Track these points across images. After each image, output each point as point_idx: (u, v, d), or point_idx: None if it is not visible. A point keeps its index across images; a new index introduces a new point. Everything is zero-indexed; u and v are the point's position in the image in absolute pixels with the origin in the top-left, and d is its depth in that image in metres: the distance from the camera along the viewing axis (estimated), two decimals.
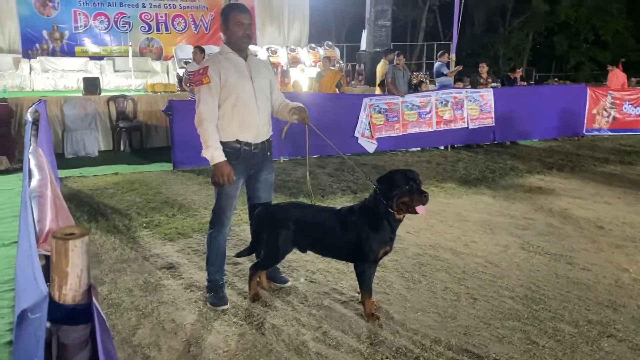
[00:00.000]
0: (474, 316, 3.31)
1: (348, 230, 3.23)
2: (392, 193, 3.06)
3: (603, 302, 3.48)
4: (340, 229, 3.26)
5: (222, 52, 3.35)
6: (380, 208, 3.13)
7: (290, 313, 3.33)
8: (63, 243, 1.01)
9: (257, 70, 3.39)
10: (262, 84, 3.39)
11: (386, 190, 3.09)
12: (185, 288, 3.70)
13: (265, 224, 3.47)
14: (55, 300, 1.03)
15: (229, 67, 3.27)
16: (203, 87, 3.22)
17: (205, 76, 3.21)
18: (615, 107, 11.48)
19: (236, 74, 3.27)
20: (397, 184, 3.06)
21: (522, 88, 11.29)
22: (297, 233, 3.36)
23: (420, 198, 3.04)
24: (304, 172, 7.50)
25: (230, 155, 3.30)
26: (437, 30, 30.84)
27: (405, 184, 3.05)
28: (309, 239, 3.41)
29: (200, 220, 5.24)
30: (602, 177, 7.41)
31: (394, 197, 3.06)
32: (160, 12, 14.27)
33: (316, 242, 3.41)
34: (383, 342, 2.99)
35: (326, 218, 3.35)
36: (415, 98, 9.33)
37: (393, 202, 3.07)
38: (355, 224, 3.22)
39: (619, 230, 5.06)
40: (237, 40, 3.29)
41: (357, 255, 3.23)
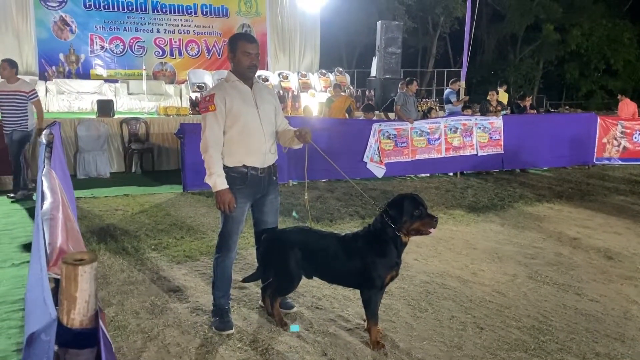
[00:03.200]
0: (480, 346, 3.28)
1: (354, 256, 3.24)
2: (403, 218, 3.09)
3: (611, 335, 3.44)
4: (345, 255, 3.27)
5: (228, 79, 3.42)
6: (388, 232, 3.15)
7: (296, 339, 3.33)
8: (73, 268, 1.04)
9: (261, 97, 3.45)
10: (267, 110, 3.45)
11: (396, 215, 3.12)
12: (191, 312, 3.71)
13: (272, 249, 3.50)
14: (64, 324, 1.05)
15: (235, 94, 3.34)
16: (209, 114, 3.28)
17: (212, 104, 3.27)
18: (625, 136, 11.46)
19: (242, 102, 3.34)
20: (408, 209, 3.10)
21: (532, 116, 11.32)
22: (303, 258, 3.38)
23: (431, 222, 3.11)
24: (313, 196, 7.55)
25: (237, 180, 3.35)
26: (448, 57, 31.12)
27: (415, 208, 3.10)
28: (314, 265, 3.42)
29: (208, 243, 5.26)
30: (612, 207, 7.37)
31: (404, 222, 3.10)
32: (175, 38, 14.56)
33: (322, 268, 3.42)
34: None
35: (331, 244, 3.37)
36: (424, 124, 9.39)
37: (403, 227, 3.11)
38: (361, 249, 3.23)
39: (629, 261, 5.01)
40: (244, 70, 3.35)
41: (364, 282, 3.23)
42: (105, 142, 9.17)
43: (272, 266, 3.52)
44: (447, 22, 28.48)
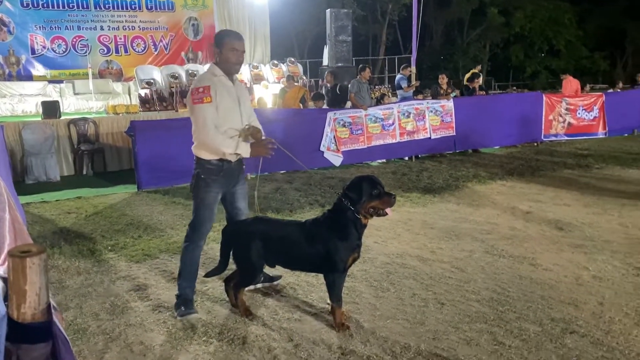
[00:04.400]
0: (442, 321, 3.37)
1: (316, 242, 3.26)
2: (362, 198, 3.13)
3: (565, 300, 3.59)
4: (307, 241, 3.29)
5: (215, 73, 3.45)
6: (348, 215, 3.18)
7: (262, 328, 3.33)
8: (20, 261, 1.01)
9: (242, 94, 3.58)
10: (246, 107, 3.58)
11: (355, 197, 3.14)
12: (153, 309, 3.64)
13: (233, 241, 3.48)
14: (14, 319, 1.02)
15: (222, 90, 3.40)
16: (205, 105, 3.32)
17: (208, 95, 3.32)
18: (570, 112, 11.89)
19: (229, 99, 3.43)
20: (366, 190, 3.14)
21: (481, 97, 11.59)
22: (265, 248, 3.37)
23: (389, 200, 3.16)
24: (271, 188, 7.53)
25: (213, 171, 3.46)
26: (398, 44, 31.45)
27: (373, 188, 3.15)
28: (276, 253, 3.42)
29: (167, 241, 5.18)
30: (561, 181, 7.65)
31: (363, 203, 3.13)
32: (119, 34, 14.14)
33: (284, 255, 3.43)
34: (354, 352, 3.01)
35: (292, 231, 3.38)
36: (378, 110, 9.48)
37: (362, 208, 3.14)
38: (323, 234, 3.25)
39: (578, 230, 5.22)
40: (230, 66, 3.43)
41: (327, 266, 3.25)
42: (53, 145, 8.85)
43: (234, 258, 3.50)
44: (396, 10, 28.76)
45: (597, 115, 12.18)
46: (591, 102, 12.16)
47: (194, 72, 12.01)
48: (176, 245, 5.03)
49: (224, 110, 3.38)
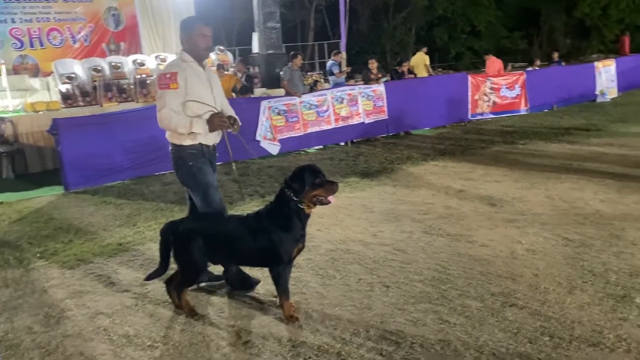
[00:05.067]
0: (388, 303, 3.42)
1: (259, 235, 3.21)
2: (305, 188, 3.11)
3: (503, 275, 3.74)
4: (250, 236, 3.23)
5: (184, 59, 3.46)
6: (291, 206, 3.15)
7: (209, 327, 3.25)
8: None
9: (214, 79, 3.60)
10: (218, 92, 3.60)
11: (298, 186, 3.12)
12: (91, 317, 3.47)
13: (173, 240, 3.36)
14: None
15: (193, 76, 3.41)
16: (170, 91, 3.33)
17: (174, 82, 3.32)
18: (494, 91, 12.37)
19: (200, 84, 3.42)
20: (308, 179, 3.12)
21: (410, 80, 11.83)
22: (206, 245, 3.28)
23: (332, 188, 3.16)
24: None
25: (196, 155, 3.50)
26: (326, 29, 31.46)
27: (315, 177, 3.13)
28: (219, 250, 3.34)
29: (101, 243, 4.95)
30: (490, 158, 7.96)
31: (306, 192, 3.11)
32: (33, 27, 13.24)
33: (227, 252, 3.36)
34: (304, 343, 3.00)
35: (234, 226, 3.32)
36: (312, 97, 9.46)
37: (305, 197, 3.12)
38: (266, 227, 3.20)
39: (509, 205, 5.46)
40: (200, 51, 3.46)
41: (272, 259, 3.21)
42: None
43: (175, 258, 3.39)
44: None
45: (519, 93, 12.74)
46: (513, 81, 12.70)
47: (117, 64, 11.48)
48: (111, 247, 4.82)
49: (197, 97, 3.38)
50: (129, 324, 3.35)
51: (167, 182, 7.45)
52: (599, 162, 7.14)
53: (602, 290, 3.38)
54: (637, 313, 3.06)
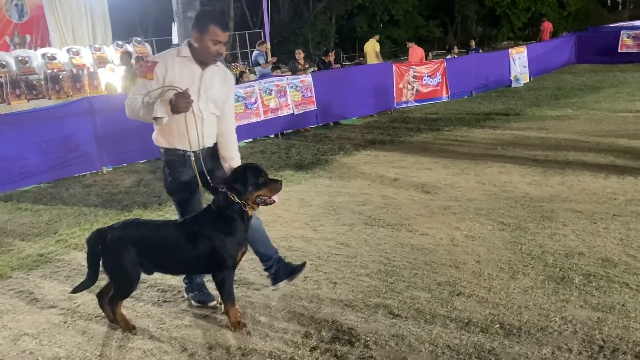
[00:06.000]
0: (337, 301, 3.34)
1: (199, 241, 3.00)
2: (248, 189, 2.95)
3: (446, 263, 3.77)
4: (189, 242, 3.01)
5: (180, 53, 3.12)
6: (234, 208, 2.97)
7: (149, 341, 3.03)
8: None
9: (210, 82, 3.15)
10: (210, 97, 3.16)
11: (241, 188, 2.96)
12: (14, 340, 3.14)
13: (102, 250, 3.08)
14: None
15: (179, 73, 3.05)
16: (144, 81, 3.03)
17: (151, 72, 3.00)
18: (417, 80, 12.63)
19: (183, 83, 3.01)
20: (251, 179, 2.97)
21: (337, 70, 11.84)
22: (139, 254, 3.02)
23: (276, 186, 3.04)
24: (134, 181, 6.97)
25: (176, 163, 3.18)
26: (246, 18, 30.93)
27: (258, 177, 2.99)
28: (154, 259, 3.08)
29: (19, 255, 4.52)
30: (418, 146, 8.09)
31: (249, 193, 2.96)
32: None
33: (163, 261, 3.11)
34: (255, 350, 2.86)
35: (169, 232, 3.07)
36: (239, 89, 9.19)
37: (249, 198, 2.96)
38: (206, 232, 3.00)
39: (443, 192, 5.55)
40: (207, 56, 3.09)
41: (215, 265, 3.02)
42: None
43: (105, 269, 3.11)
44: None
45: (440, 81, 13.10)
46: (434, 69, 13.03)
47: (24, 58, 10.61)
48: (31, 259, 4.42)
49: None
50: (58, 345, 3.06)
51: (88, 184, 6.98)
52: (522, 145, 7.45)
53: (543, 273, 3.49)
54: (578, 294, 3.17)
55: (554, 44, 18.01)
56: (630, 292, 3.14)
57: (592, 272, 3.43)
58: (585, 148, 6.93)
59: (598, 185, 5.29)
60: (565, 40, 18.52)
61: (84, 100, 7.82)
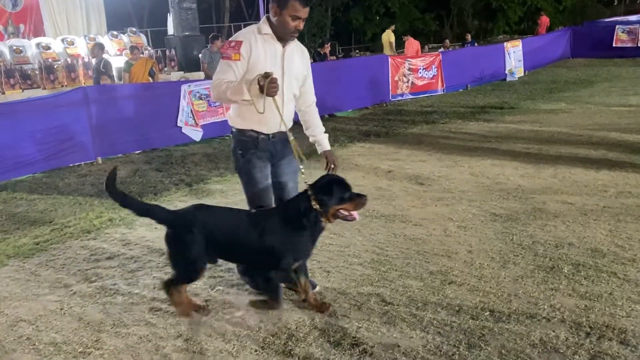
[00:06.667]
0: (330, 289, 3.39)
1: (265, 237, 2.91)
2: (333, 202, 2.87)
3: (439, 253, 3.83)
4: (257, 235, 2.92)
5: (261, 30, 2.99)
6: (310, 217, 2.88)
7: (145, 328, 3.06)
8: None
9: (291, 60, 3.08)
10: (293, 74, 3.09)
11: (327, 199, 2.86)
12: (11, 326, 3.17)
13: (170, 233, 3.00)
14: None
15: (263, 51, 2.95)
16: (230, 62, 2.93)
17: (237, 52, 2.90)
18: (412, 72, 12.68)
19: (267, 61, 2.94)
20: (337, 192, 2.88)
21: (333, 62, 11.85)
22: (207, 240, 2.93)
23: (360, 202, 2.94)
24: (129, 171, 6.99)
25: (248, 144, 3.10)
26: (242, 10, 30.79)
27: (345, 191, 2.90)
28: (220, 246, 2.99)
29: (15, 244, 4.54)
30: (413, 138, 8.15)
31: (332, 206, 2.87)
32: None
33: (229, 249, 3.03)
34: (249, 336, 2.91)
35: (240, 222, 3.00)
36: None
37: (330, 210, 2.88)
38: (274, 230, 2.92)
39: (437, 184, 5.61)
40: (286, 32, 2.97)
41: (268, 263, 2.96)
42: None
43: (170, 252, 3.04)
44: None
45: (435, 74, 13.16)
46: (430, 62, 13.08)
47: (19, 48, 10.55)
48: (27, 247, 4.45)
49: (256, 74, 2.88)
50: (55, 330, 3.10)
51: (83, 174, 6.99)
52: (515, 138, 7.51)
53: (533, 262, 3.55)
54: (567, 283, 3.23)
55: (549, 38, 18.10)
56: (617, 281, 3.21)
57: (581, 262, 3.50)
58: (577, 141, 7.01)
59: (589, 178, 5.36)
60: (560, 35, 18.60)
61: (78, 90, 7.81)
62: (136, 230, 4.75)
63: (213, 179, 6.37)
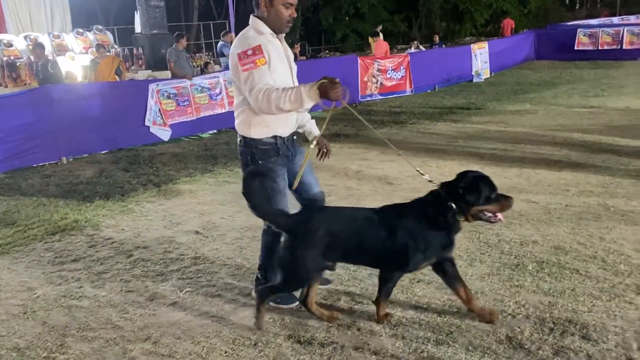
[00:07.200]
0: None
1: (397, 235, 2.75)
2: (477, 201, 2.68)
3: None
4: (387, 233, 2.77)
5: (260, 30, 2.84)
6: (448, 216, 2.72)
7: (111, 331, 3.01)
8: None
9: (289, 53, 3.02)
10: (294, 67, 3.03)
11: (471, 199, 2.68)
12: None
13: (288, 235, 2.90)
14: None
15: (272, 50, 2.82)
16: (260, 68, 2.71)
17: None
18: (381, 73, 12.78)
19: (279, 60, 2.86)
20: (484, 192, 2.70)
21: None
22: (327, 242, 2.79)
23: (508, 203, 2.76)
24: (95, 171, 6.85)
25: (268, 152, 2.96)
26: (211, 8, 30.53)
27: (491, 190, 2.72)
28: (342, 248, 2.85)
29: None
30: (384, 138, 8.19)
31: (477, 206, 2.69)
32: None
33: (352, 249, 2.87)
34: (218, 337, 2.89)
35: (366, 220, 2.86)
36: (203, 80, 9.13)
37: (472, 211, 2.71)
38: (408, 228, 2.76)
39: (405, 183, 5.67)
40: (281, 23, 2.86)
41: (394, 262, 2.82)
42: None
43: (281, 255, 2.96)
44: None
45: (404, 75, 13.29)
46: (399, 63, 13.20)
47: None
48: None
49: (279, 77, 2.83)
50: (18, 335, 3.03)
51: (48, 174, 6.83)
52: (482, 139, 7.65)
53: (499, 260, 3.63)
54: (531, 280, 3.32)
55: (514, 40, 18.47)
56: (579, 278, 3.31)
57: (544, 259, 3.59)
58: (541, 142, 7.18)
59: (553, 177, 5.51)
60: (525, 37, 19.02)
61: (42, 88, 7.62)
62: (103, 231, 4.67)
63: (182, 179, 6.30)
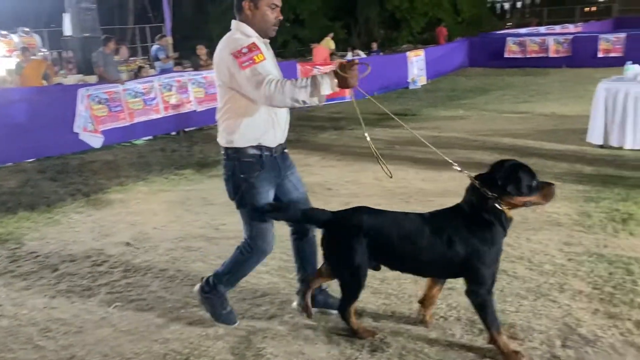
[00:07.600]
0: (236, 300, 3.33)
1: (454, 243, 2.62)
2: (523, 192, 2.52)
3: None
4: (441, 241, 2.65)
5: (247, 33, 2.67)
6: (496, 212, 2.56)
7: (33, 352, 2.84)
8: None
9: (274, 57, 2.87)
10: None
11: (513, 191, 2.52)
12: None
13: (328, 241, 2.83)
14: None
15: (266, 51, 2.67)
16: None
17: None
18: None
19: (271, 63, 2.71)
20: (525, 181, 2.53)
21: None
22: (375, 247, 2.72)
23: (551, 191, 2.59)
24: (20, 181, 6.49)
25: (252, 166, 2.76)
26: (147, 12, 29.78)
27: (532, 179, 2.55)
28: (391, 254, 2.77)
29: None
30: (323, 144, 8.25)
31: (519, 196, 2.53)
32: None
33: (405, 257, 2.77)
34: (148, 353, 2.79)
35: (416, 226, 2.75)
36: (137, 84, 8.85)
37: (515, 201, 2.55)
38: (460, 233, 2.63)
39: (344, 189, 5.71)
40: (267, 27, 2.72)
41: (471, 281, 2.65)
42: None
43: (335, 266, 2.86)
44: None
45: None
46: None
47: None
48: None
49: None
50: None
51: None
52: (417, 144, 7.76)
53: None
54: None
55: (449, 48, 19.07)
56: (507, 279, 3.43)
57: None
58: (474, 146, 7.43)
59: None
60: (459, 45, 19.67)
61: None
62: (26, 245, 4.42)
63: (113, 188, 6.06)
